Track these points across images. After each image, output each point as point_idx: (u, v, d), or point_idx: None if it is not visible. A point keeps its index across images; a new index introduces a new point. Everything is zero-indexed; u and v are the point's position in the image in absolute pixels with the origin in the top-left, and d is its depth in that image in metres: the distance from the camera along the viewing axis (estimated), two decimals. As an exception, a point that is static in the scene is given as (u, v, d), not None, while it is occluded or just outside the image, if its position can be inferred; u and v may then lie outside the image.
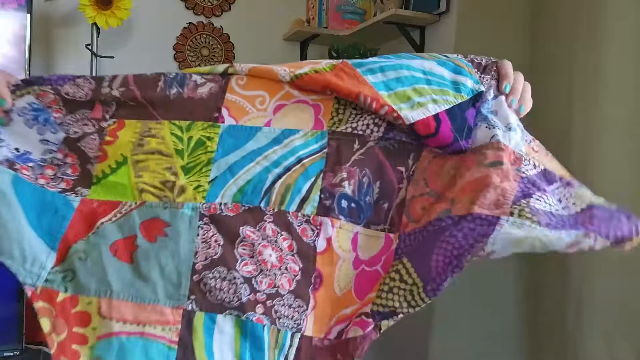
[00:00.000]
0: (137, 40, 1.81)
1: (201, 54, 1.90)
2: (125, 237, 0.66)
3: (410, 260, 0.65)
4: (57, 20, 1.71)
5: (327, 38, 1.92)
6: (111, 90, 0.69)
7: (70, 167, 0.70)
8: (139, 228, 0.67)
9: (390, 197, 0.69)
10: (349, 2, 1.95)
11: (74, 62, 1.71)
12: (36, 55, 1.59)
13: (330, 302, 0.67)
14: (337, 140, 0.70)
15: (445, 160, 0.69)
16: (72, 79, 0.70)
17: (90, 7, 1.50)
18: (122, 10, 1.53)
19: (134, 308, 0.63)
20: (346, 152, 0.69)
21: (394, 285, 0.65)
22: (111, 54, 1.65)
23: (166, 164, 0.69)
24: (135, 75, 0.70)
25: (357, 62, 0.71)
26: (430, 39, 1.73)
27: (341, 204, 0.68)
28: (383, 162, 0.70)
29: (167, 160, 0.69)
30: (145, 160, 0.69)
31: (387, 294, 0.65)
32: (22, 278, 0.65)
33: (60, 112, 0.70)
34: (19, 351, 1.40)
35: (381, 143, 0.70)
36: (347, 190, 0.68)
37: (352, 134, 0.70)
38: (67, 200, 0.68)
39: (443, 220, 0.63)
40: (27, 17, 1.40)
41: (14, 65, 1.39)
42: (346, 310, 0.67)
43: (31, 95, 0.69)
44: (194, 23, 1.89)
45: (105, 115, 0.71)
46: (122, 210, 0.68)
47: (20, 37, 1.40)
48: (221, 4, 1.92)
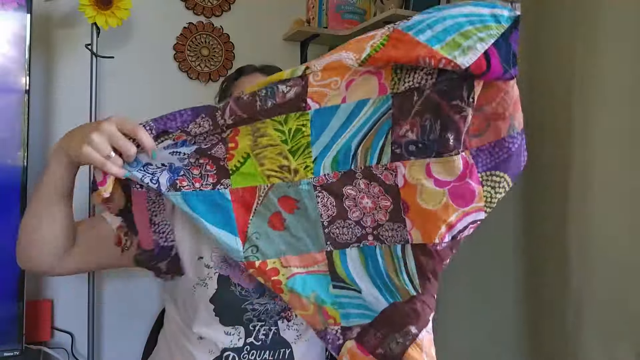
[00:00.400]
0: (137, 40, 1.81)
1: (201, 54, 1.90)
2: (272, 213, 0.92)
3: (502, 169, 0.86)
4: (57, 20, 1.71)
5: (327, 38, 1.92)
6: (225, 121, 0.88)
7: (208, 165, 0.92)
8: (278, 205, 0.92)
9: (454, 128, 0.82)
10: (349, 2, 1.95)
11: (74, 62, 1.71)
12: (36, 55, 1.59)
13: (427, 217, 0.86)
14: (399, 99, 0.85)
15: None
16: (193, 120, 0.88)
17: (90, 7, 1.50)
18: (122, 10, 1.53)
19: (299, 258, 0.93)
20: (407, 107, 0.84)
21: (495, 191, 0.86)
22: (111, 54, 1.65)
23: (278, 152, 0.89)
24: (236, 103, 0.87)
25: (406, 26, 0.81)
26: (430, 39, 1.73)
27: (409, 149, 0.85)
28: (439, 103, 0.83)
29: (278, 149, 0.89)
30: (262, 153, 0.90)
31: (492, 198, 0.86)
32: (238, 260, 0.92)
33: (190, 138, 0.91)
34: (19, 351, 1.40)
35: (436, 87, 0.82)
36: (412, 137, 0.84)
37: (410, 90, 0.84)
38: (221, 194, 0.91)
39: (515, 137, 0.85)
40: (27, 17, 1.40)
41: (14, 65, 1.40)
42: (451, 218, 0.85)
43: (169, 140, 0.89)
44: (194, 23, 1.89)
45: (223, 128, 0.90)
46: (260, 194, 0.92)
47: (20, 37, 1.40)
48: (221, 4, 1.92)
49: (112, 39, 1.71)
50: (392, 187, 0.88)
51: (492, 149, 0.85)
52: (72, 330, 1.72)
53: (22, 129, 1.40)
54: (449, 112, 0.82)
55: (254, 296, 1.02)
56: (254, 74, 1.12)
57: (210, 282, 1.02)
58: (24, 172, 1.40)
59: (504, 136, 0.85)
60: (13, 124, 1.40)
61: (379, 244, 0.91)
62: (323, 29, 1.92)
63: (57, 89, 1.72)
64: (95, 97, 1.62)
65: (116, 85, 1.78)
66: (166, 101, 1.84)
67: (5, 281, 1.38)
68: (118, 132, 0.85)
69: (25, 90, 1.41)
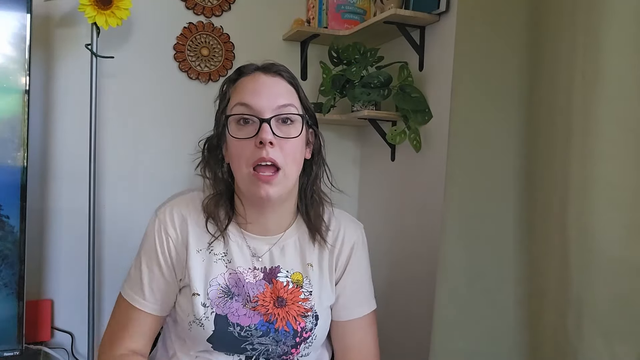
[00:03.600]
0: (137, 40, 1.81)
1: (201, 54, 1.90)
2: None
3: None
4: (57, 20, 1.71)
5: (327, 38, 1.92)
6: None
7: None
8: None
9: None
10: (349, 2, 1.95)
11: (74, 62, 1.71)
12: (36, 55, 1.59)
13: None
14: None
15: None
16: None
17: (90, 7, 1.50)
18: (122, 10, 1.53)
19: None
20: None
21: None
22: (111, 54, 1.65)
23: None
24: None
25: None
26: (430, 38, 1.73)
27: None
28: None
29: None
30: None
31: None
32: None
33: None
34: (19, 351, 1.40)
35: None
36: None
37: None
38: None
39: None
40: (27, 17, 1.40)
41: (14, 65, 1.40)
42: None
43: None
44: (194, 23, 1.89)
45: None
46: None
47: (20, 37, 1.40)
48: (221, 4, 1.92)
49: (112, 39, 1.71)
50: None
51: None
52: (72, 330, 1.72)
53: (22, 129, 1.40)
54: None
55: (254, 335, 0.98)
56: (255, 73, 1.00)
57: (207, 323, 0.97)
58: (23, 172, 1.40)
59: None
60: (13, 124, 1.40)
61: None
62: (323, 29, 1.92)
63: (57, 89, 1.72)
64: (95, 97, 1.62)
65: (116, 85, 1.78)
66: (166, 101, 1.85)
67: (5, 281, 1.38)
68: None
69: (25, 90, 1.41)
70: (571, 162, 1.03)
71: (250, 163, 0.94)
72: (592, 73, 0.99)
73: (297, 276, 1.03)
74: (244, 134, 0.95)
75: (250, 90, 0.97)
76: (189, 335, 1.00)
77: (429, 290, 1.32)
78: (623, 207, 0.97)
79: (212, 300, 0.98)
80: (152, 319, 1.02)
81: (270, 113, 0.95)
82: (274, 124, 0.94)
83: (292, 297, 1.01)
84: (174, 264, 1.01)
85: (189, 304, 0.99)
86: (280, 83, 0.99)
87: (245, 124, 0.96)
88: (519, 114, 1.18)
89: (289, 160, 0.95)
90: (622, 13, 0.95)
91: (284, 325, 0.99)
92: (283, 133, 0.95)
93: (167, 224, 1.02)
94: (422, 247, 1.71)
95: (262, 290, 1.00)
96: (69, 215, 1.73)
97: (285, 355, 1.01)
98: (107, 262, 1.77)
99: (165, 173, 1.83)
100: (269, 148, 0.93)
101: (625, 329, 0.97)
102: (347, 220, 1.12)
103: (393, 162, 1.92)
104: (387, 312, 1.72)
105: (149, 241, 1.03)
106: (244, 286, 1.00)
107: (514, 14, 1.19)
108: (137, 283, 1.02)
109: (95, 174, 1.63)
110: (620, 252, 0.97)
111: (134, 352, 1.01)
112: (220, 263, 1.01)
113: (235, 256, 1.01)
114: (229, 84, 1.03)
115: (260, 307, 0.99)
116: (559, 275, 1.07)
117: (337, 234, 1.08)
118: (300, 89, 1.03)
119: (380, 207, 1.99)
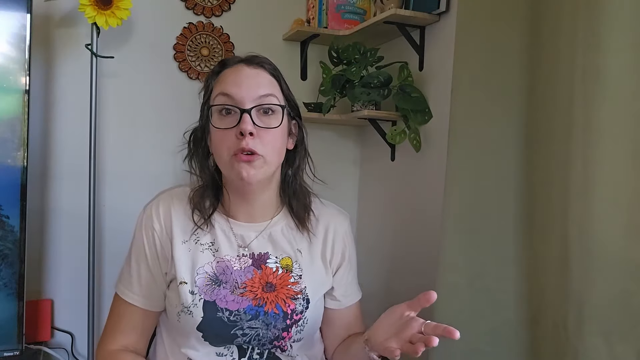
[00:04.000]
0: (137, 40, 1.81)
1: (201, 54, 1.90)
2: None
3: None
4: (57, 20, 1.71)
5: (327, 38, 1.92)
6: None
7: None
8: None
9: None
10: (349, 2, 1.95)
11: (74, 62, 1.71)
12: (36, 55, 1.59)
13: None
14: None
15: None
16: None
17: (90, 7, 1.50)
18: (122, 10, 1.53)
19: None
20: None
21: None
22: (111, 54, 1.65)
23: None
24: None
25: None
26: (430, 38, 1.73)
27: None
28: None
29: None
30: None
31: None
32: None
33: None
34: (19, 351, 1.40)
35: None
36: None
37: None
38: None
39: None
40: (27, 17, 1.40)
41: (14, 65, 1.40)
42: None
43: None
44: (194, 23, 1.89)
45: None
46: None
47: (20, 37, 1.40)
48: (221, 4, 1.92)
49: (112, 39, 1.71)
50: None
51: None
52: (72, 330, 1.72)
53: (22, 129, 1.40)
54: None
55: (244, 319, 0.98)
56: (237, 65, 1.02)
57: (196, 310, 0.97)
58: (23, 172, 1.40)
59: None
60: (13, 124, 1.40)
61: None
62: (323, 29, 1.92)
63: (57, 89, 1.72)
64: (95, 97, 1.62)
65: (116, 85, 1.78)
66: (166, 101, 1.85)
67: (5, 281, 1.38)
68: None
69: (25, 90, 1.41)
70: (571, 162, 1.03)
71: (232, 152, 0.96)
72: (592, 73, 0.99)
73: (287, 261, 1.05)
74: (226, 124, 0.97)
75: (232, 81, 0.99)
76: (179, 327, 1.00)
77: (429, 290, 1.32)
78: (623, 207, 0.97)
79: (199, 288, 0.99)
80: (143, 313, 1.04)
81: (251, 103, 0.96)
82: (254, 115, 0.96)
83: (281, 282, 1.03)
84: (159, 258, 1.03)
85: (176, 294, 1.00)
86: (261, 74, 1.01)
87: (227, 114, 0.98)
88: (519, 114, 1.18)
89: (268, 149, 0.97)
90: (622, 13, 0.95)
91: (273, 308, 1.00)
92: (263, 123, 0.97)
93: (152, 218, 1.04)
94: (422, 247, 1.71)
95: (250, 276, 1.02)
96: (69, 215, 1.72)
97: (277, 340, 1.01)
98: (107, 262, 1.76)
99: (165, 173, 1.83)
100: (248, 139, 0.94)
101: (625, 329, 0.97)
102: (334, 210, 1.15)
103: (393, 162, 1.92)
104: (387, 312, 1.72)
105: (136, 237, 1.06)
106: (231, 273, 1.01)
107: (514, 14, 1.19)
108: (127, 278, 1.05)
109: (95, 174, 1.63)
110: (620, 252, 0.97)
111: (125, 347, 1.03)
112: (207, 252, 1.02)
113: (222, 245, 1.03)
114: (212, 75, 1.04)
115: (248, 292, 1.00)
116: (559, 274, 1.07)
117: (327, 225, 1.11)
118: (283, 80, 1.04)
119: (380, 206, 1.99)
